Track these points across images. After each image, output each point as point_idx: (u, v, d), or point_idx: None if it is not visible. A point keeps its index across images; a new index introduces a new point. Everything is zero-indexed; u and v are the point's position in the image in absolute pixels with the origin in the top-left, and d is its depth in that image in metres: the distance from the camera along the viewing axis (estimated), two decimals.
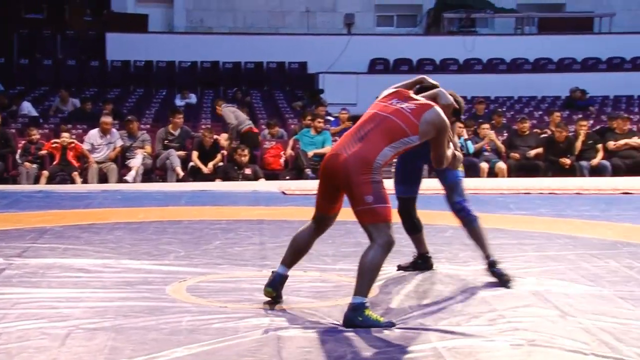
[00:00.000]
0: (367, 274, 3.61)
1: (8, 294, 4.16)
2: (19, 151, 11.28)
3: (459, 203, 4.57)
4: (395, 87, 4.16)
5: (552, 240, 5.93)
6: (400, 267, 4.86)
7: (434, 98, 4.08)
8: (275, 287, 3.99)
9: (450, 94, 4.24)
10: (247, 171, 11.07)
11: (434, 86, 4.26)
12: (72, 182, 10.84)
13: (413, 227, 4.81)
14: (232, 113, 12.15)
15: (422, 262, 4.89)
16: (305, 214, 7.28)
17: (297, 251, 4.05)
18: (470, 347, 3.32)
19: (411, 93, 4.06)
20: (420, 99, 4.00)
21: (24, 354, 3.15)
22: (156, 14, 20.06)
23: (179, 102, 15.14)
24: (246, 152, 11.06)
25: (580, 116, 13.90)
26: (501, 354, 3.25)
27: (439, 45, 18.98)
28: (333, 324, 3.65)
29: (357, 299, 3.57)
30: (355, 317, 3.53)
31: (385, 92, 4.09)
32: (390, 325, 3.56)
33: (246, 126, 11.98)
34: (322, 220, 4.00)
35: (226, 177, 10.98)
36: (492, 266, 4.54)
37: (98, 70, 17.64)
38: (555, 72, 18.44)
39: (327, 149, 11.96)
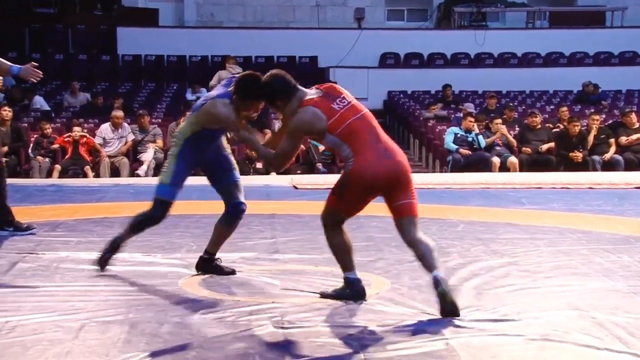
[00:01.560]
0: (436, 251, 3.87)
1: (22, 287, 4.18)
2: (31, 145, 11.32)
3: (245, 205, 4.58)
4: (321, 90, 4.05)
5: (564, 235, 5.91)
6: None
7: None
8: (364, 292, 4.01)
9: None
10: (259, 165, 11.08)
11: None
12: (85, 176, 10.88)
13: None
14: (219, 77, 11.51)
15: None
16: (317, 209, 7.28)
17: (351, 252, 4.03)
18: (483, 342, 3.31)
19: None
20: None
21: (38, 346, 3.17)
22: (167, 9, 20.06)
23: (190, 96, 15.13)
24: None
25: (592, 110, 13.85)
26: (514, 348, 3.24)
27: (450, 40, 18.91)
28: (343, 318, 3.65)
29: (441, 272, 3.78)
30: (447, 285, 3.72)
31: (319, 96, 3.96)
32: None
33: None
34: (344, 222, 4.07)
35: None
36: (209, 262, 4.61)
37: (109, 65, 17.67)
38: (566, 66, 18.35)
39: None
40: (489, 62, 18.58)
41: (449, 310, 3.65)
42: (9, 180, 6.08)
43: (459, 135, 11.80)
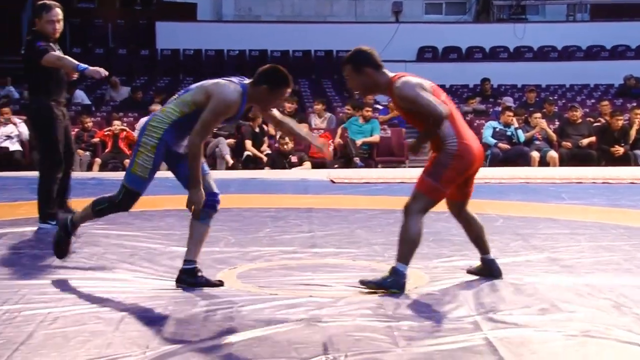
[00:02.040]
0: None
1: (64, 279, 4.24)
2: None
3: (219, 195, 4.28)
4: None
5: (605, 230, 5.83)
6: None
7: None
8: (404, 287, 4.01)
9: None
10: (294, 159, 11.13)
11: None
12: (124, 169, 11.00)
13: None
14: None
15: None
16: (354, 202, 7.31)
17: (415, 249, 4.10)
18: (522, 337, 3.28)
19: None
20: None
21: (79, 337, 3.21)
22: (205, 3, 20.19)
23: None
24: (287, 139, 11.10)
25: (634, 104, 13.64)
26: (554, 344, 3.21)
27: (489, 33, 18.77)
28: (381, 313, 3.65)
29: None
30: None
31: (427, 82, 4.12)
32: None
33: None
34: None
35: (274, 166, 11.05)
36: (193, 273, 4.10)
37: (148, 59, 17.84)
38: (608, 59, 18.11)
39: (375, 138, 11.94)
40: (528, 55, 18.41)
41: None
42: None
43: (497, 129, 11.71)
